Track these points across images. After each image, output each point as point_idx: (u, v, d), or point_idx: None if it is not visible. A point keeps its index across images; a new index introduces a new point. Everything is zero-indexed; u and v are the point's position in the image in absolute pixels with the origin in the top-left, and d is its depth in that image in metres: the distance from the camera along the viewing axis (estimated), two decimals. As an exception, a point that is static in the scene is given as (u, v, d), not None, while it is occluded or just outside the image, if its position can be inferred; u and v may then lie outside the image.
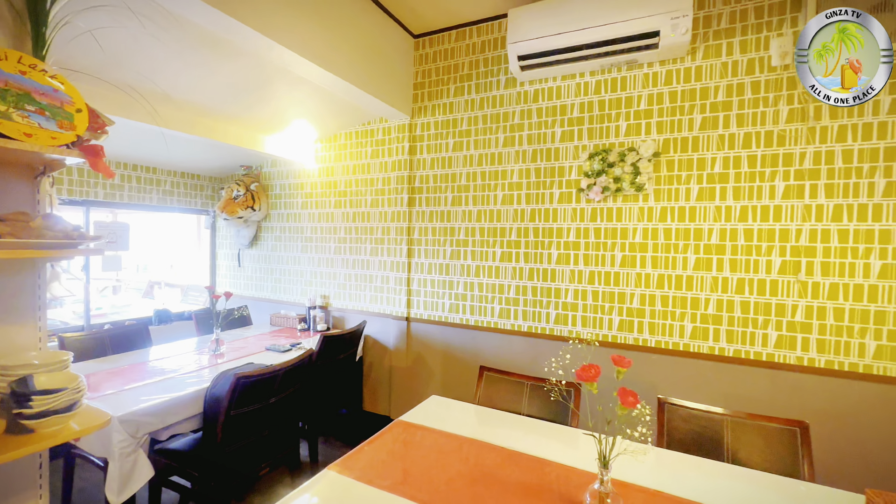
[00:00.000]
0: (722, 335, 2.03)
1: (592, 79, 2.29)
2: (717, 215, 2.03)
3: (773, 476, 1.26)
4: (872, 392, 1.78)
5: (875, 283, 1.78)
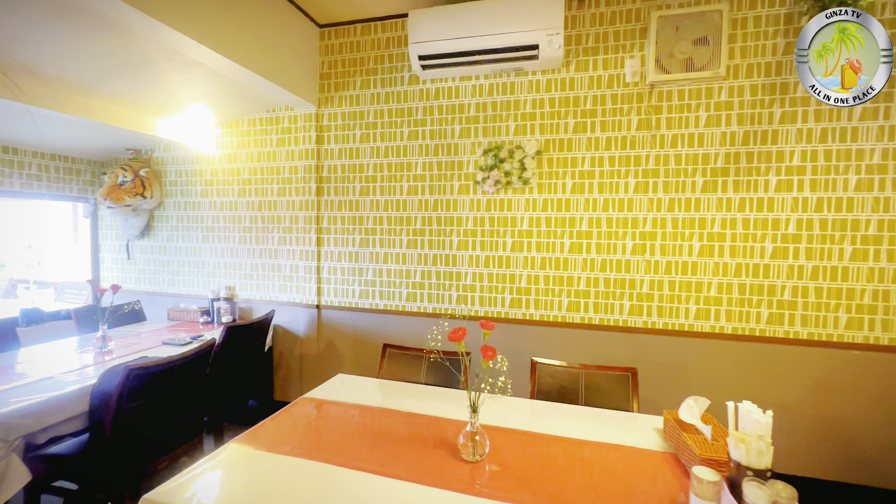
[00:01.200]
0: (590, 307, 2.42)
1: (486, 82, 2.53)
2: (587, 206, 2.40)
3: (612, 411, 1.60)
4: (690, 346, 2.27)
5: (695, 260, 2.26)
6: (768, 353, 2.19)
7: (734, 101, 2.18)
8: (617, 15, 2.32)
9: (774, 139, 2.15)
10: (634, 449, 1.34)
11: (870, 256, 2.06)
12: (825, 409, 2.13)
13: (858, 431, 2.09)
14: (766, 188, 2.17)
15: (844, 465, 2.12)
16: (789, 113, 2.13)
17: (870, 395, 2.06)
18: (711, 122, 2.22)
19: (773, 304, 2.18)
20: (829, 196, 2.10)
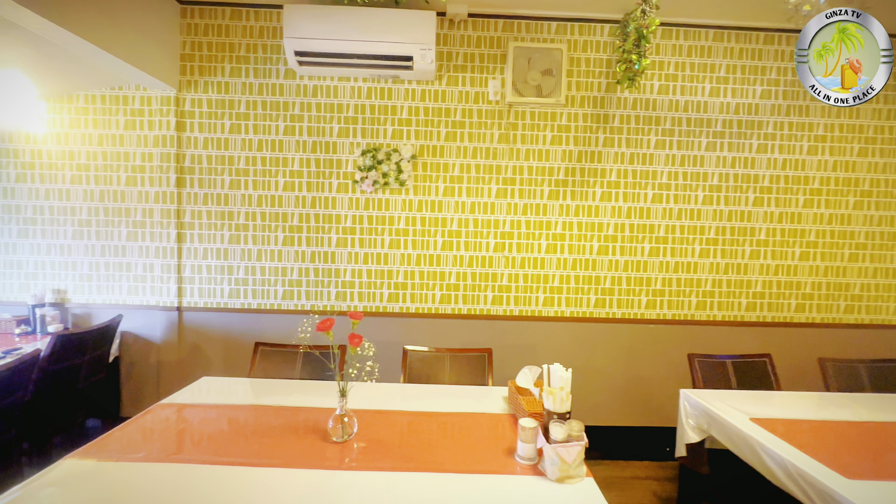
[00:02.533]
0: (460, 299, 2.70)
1: (365, 85, 2.62)
2: (457, 208, 2.67)
3: (471, 387, 1.85)
4: (539, 328, 2.70)
5: (543, 257, 2.69)
6: (595, 331, 2.72)
7: (571, 125, 2.65)
8: (482, 40, 2.62)
9: (599, 159, 2.68)
10: (485, 414, 1.59)
11: (660, 253, 2.71)
12: (633, 371, 2.74)
13: (653, 387, 2.73)
14: (593, 198, 2.69)
15: (646, 412, 2.75)
16: (609, 139, 2.67)
17: (661, 358, 2.72)
18: (555, 141, 2.66)
19: (598, 292, 2.72)
20: (635, 206, 2.70)
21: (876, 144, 2.72)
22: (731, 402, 1.74)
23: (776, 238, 2.74)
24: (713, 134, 2.68)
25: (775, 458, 1.37)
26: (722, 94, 2.67)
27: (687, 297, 2.73)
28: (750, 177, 2.70)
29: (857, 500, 1.12)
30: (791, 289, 2.75)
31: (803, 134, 2.70)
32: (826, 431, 1.54)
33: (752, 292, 2.75)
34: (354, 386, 1.36)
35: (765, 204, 2.71)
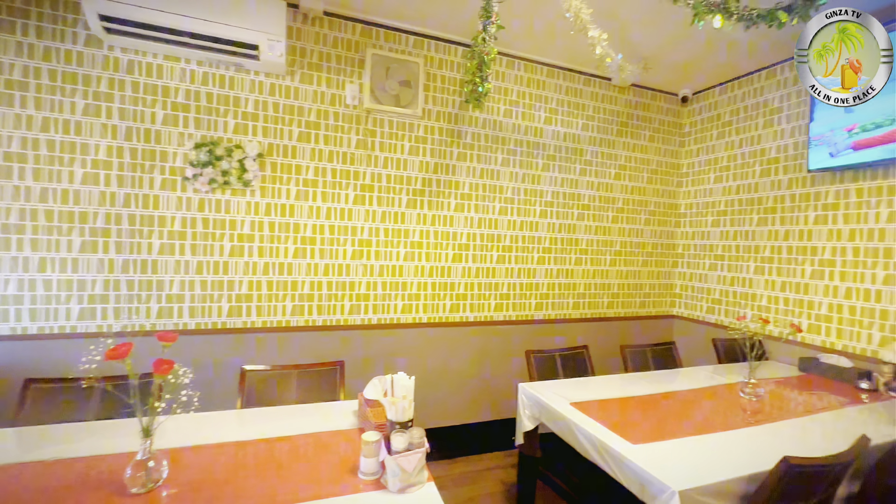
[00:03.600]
0: (314, 310, 2.54)
1: (200, 69, 2.28)
2: (311, 213, 2.51)
3: (321, 403, 1.73)
4: (398, 336, 2.71)
5: (401, 264, 2.72)
6: (450, 335, 2.85)
7: (428, 138, 2.76)
8: (340, 41, 2.54)
9: (454, 172, 2.83)
10: (334, 432, 1.50)
11: (505, 260, 2.99)
12: (485, 369, 2.95)
13: (502, 382, 2.98)
14: (448, 208, 2.83)
15: (496, 407, 2.99)
16: (462, 153, 2.85)
17: (508, 356, 2.99)
18: (413, 151, 2.72)
19: (453, 297, 2.86)
20: (485, 217, 2.93)
21: (657, 175, 3.49)
22: (557, 391, 1.99)
23: (594, 247, 3.28)
24: (547, 156, 3.09)
25: (586, 435, 1.61)
26: (553, 122, 3.10)
27: (528, 300, 3.07)
28: (575, 195, 3.19)
29: (638, 461, 1.37)
30: (604, 289, 3.32)
31: (611, 163, 3.31)
32: (624, 406, 1.87)
33: (576, 293, 3.23)
34: (172, 420, 1.13)
35: (585, 219, 3.23)
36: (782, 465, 1.21)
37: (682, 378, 2.31)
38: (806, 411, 1.91)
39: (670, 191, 3.57)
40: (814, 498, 1.32)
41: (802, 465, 1.20)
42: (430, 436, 1.24)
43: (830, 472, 1.28)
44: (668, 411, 1.86)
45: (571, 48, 2.82)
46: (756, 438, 1.60)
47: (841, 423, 1.80)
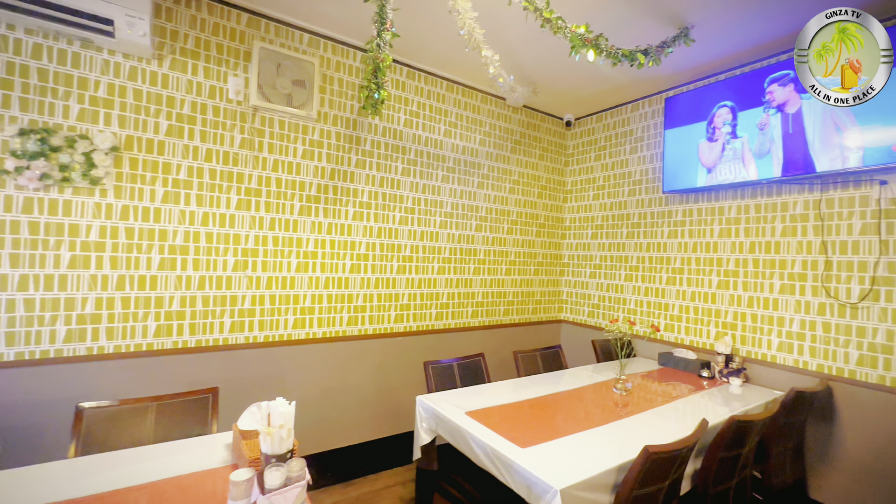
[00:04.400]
0: (185, 329, 2.21)
1: (29, 38, 1.86)
2: (182, 218, 2.20)
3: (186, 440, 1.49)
4: (288, 354, 2.50)
5: (294, 276, 2.52)
6: (349, 349, 2.71)
7: (324, 142, 2.62)
8: (222, 29, 2.29)
9: (352, 179, 2.73)
10: (200, 473, 1.29)
11: (406, 270, 2.96)
12: (384, 383, 2.86)
13: (402, 396, 2.92)
14: (346, 216, 2.71)
15: (396, 421, 2.91)
16: (361, 161, 2.77)
17: (408, 368, 2.94)
18: (307, 155, 2.56)
19: (351, 310, 2.73)
20: (385, 226, 2.87)
21: (546, 191, 3.79)
22: (454, 400, 2.00)
23: (491, 258, 3.42)
24: (447, 168, 3.15)
25: (479, 443, 1.63)
26: (453, 136, 3.18)
27: (428, 310, 3.07)
28: (473, 207, 3.30)
29: (525, 464, 1.42)
30: (500, 297, 3.48)
31: (506, 178, 3.50)
32: (516, 411, 1.95)
33: (475, 302, 3.33)
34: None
35: (483, 230, 3.36)
36: (644, 454, 1.35)
37: (567, 379, 2.50)
38: (664, 400, 2.19)
39: (557, 205, 3.90)
40: (669, 478, 1.50)
41: (659, 452, 1.36)
42: (327, 460, 1.13)
43: (680, 454, 1.46)
44: (554, 412, 1.98)
45: (469, 66, 2.93)
46: (625, 430, 1.78)
47: (689, 407, 2.11)
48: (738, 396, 2.31)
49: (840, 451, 2.26)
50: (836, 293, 2.31)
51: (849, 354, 2.26)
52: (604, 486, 1.43)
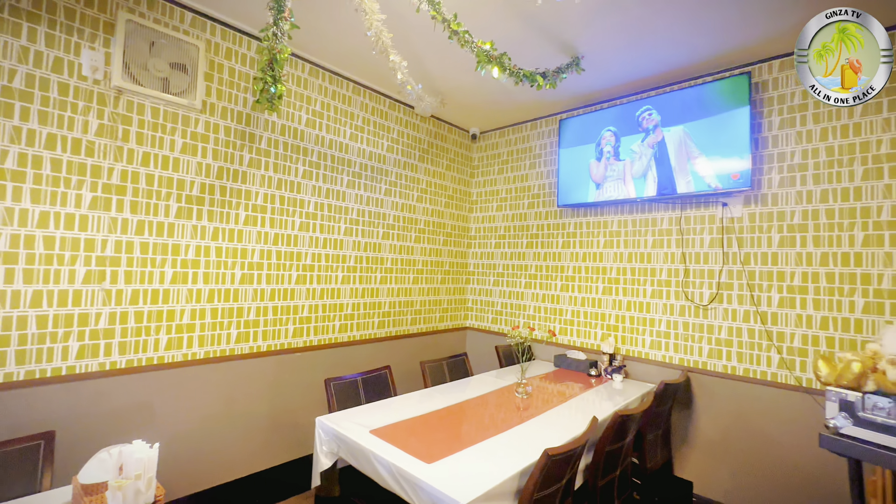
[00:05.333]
0: (11, 357, 1.75)
1: None
2: (9, 219, 1.75)
3: None
4: (159, 379, 2.14)
5: (168, 288, 2.17)
6: (236, 369, 2.41)
7: (210, 136, 2.32)
8: (74, -10, 1.90)
9: (244, 179, 2.46)
10: (19, 547, 1.00)
11: (306, 280, 2.75)
12: (280, 405, 2.60)
13: (300, 416, 2.69)
14: (236, 221, 2.43)
15: (294, 445, 2.66)
16: (256, 160, 2.51)
17: (308, 386, 2.72)
18: (188, 149, 2.24)
19: (241, 325, 2.45)
20: (283, 233, 2.64)
21: (454, 200, 3.87)
22: (357, 419, 1.89)
23: (399, 266, 3.36)
24: (353, 173, 3.02)
25: (383, 463, 1.54)
26: (359, 140, 3.06)
27: (331, 322, 2.89)
28: (380, 214, 3.21)
29: (431, 480, 1.38)
30: (408, 307, 3.43)
31: (414, 186, 3.48)
32: (422, 425, 1.90)
33: (381, 312, 3.23)
34: None
35: (391, 238, 3.29)
36: (543, 457, 1.40)
37: (473, 386, 2.53)
38: (559, 401, 2.33)
39: (464, 215, 4.00)
40: (565, 477, 1.58)
41: (558, 454, 1.42)
42: (210, 499, 0.94)
43: (576, 453, 1.55)
44: (460, 421, 1.98)
45: (377, 70, 2.86)
46: (526, 433, 1.84)
47: (581, 405, 2.27)
48: (620, 391, 2.57)
49: (696, 433, 2.64)
50: (692, 297, 2.71)
51: (702, 349, 2.66)
52: (507, 493, 1.45)
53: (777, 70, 2.47)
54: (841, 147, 2.26)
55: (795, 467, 2.27)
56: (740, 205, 2.56)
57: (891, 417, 1.30)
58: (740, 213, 2.56)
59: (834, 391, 1.44)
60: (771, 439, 2.36)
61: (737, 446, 2.48)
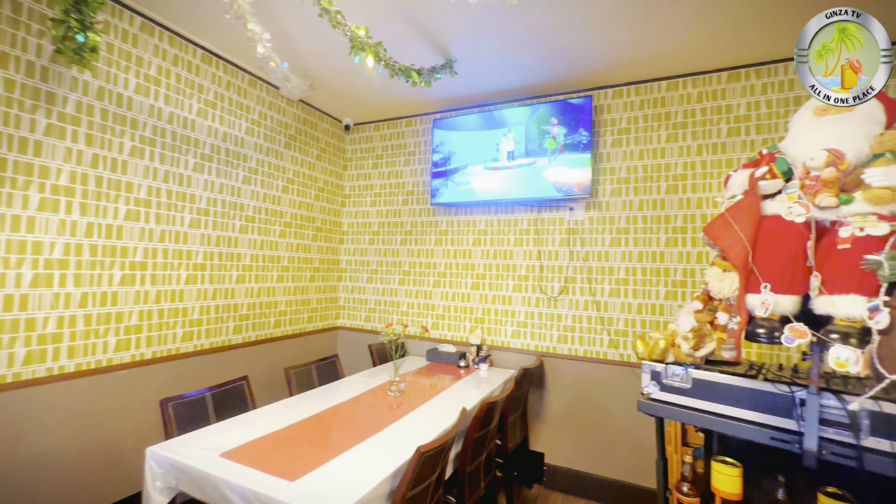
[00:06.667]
0: None
1: None
2: None
3: None
4: None
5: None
6: (30, 398, 1.84)
7: (-20, 89, 1.72)
8: None
9: (38, 151, 1.89)
10: None
11: (136, 281, 2.27)
12: (97, 436, 2.08)
13: (126, 447, 2.20)
14: (26, 205, 1.85)
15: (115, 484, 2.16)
16: (58, 127, 1.95)
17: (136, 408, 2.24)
18: (-61, 103, 1.62)
19: (34, 340, 1.88)
20: (102, 222, 2.12)
21: (325, 193, 3.64)
22: (203, 443, 1.62)
23: (260, 263, 3.01)
24: (202, 156, 2.59)
25: (236, 489, 1.35)
26: (210, 118, 2.64)
27: (172, 329, 2.44)
28: (237, 204, 2.83)
29: (295, 500, 1.25)
30: (271, 308, 3.10)
31: (279, 175, 3.17)
32: (286, 438, 1.73)
33: (239, 315, 2.86)
34: None
35: (250, 231, 2.93)
36: (416, 455, 1.40)
37: (345, 388, 2.42)
38: (432, 394, 2.38)
39: (336, 209, 3.80)
40: (437, 470, 1.61)
41: (430, 449, 1.43)
42: None
43: (447, 446, 1.59)
44: (329, 428, 1.86)
45: (234, 39, 2.50)
46: (400, 432, 1.83)
47: (452, 395, 2.36)
48: (486, 380, 2.75)
49: (547, 410, 2.99)
50: (546, 290, 3.05)
51: (552, 335, 3.01)
52: (380, 497, 1.41)
53: (611, 97, 2.94)
54: (652, 166, 2.80)
55: (621, 429, 2.74)
56: (583, 210, 2.97)
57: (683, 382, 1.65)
58: (582, 216, 2.97)
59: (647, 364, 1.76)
60: (603, 408, 2.81)
61: (578, 417, 2.88)
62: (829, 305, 1.19)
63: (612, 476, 2.76)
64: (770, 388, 1.34)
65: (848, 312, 1.15)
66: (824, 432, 1.22)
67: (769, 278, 1.30)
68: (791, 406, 1.29)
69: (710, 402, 1.47)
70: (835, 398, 1.22)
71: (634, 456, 2.68)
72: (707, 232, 1.51)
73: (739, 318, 1.35)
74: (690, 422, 1.53)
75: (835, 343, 1.13)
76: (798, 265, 1.28)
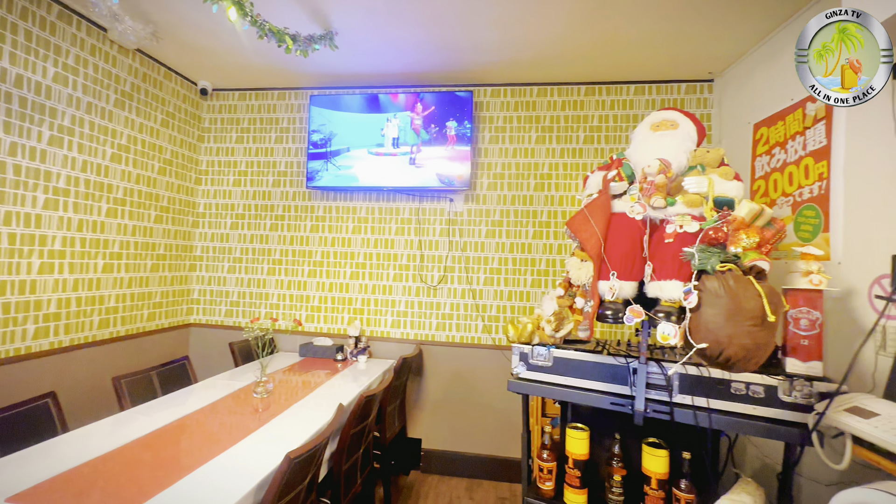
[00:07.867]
0: None
1: None
2: None
3: None
4: None
5: None
6: None
7: None
8: None
9: None
10: None
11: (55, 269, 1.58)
12: None
13: None
14: None
15: None
16: None
17: None
18: None
19: None
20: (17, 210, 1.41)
21: (172, 167, 3.07)
22: (-19, 486, 1.21)
23: (78, 248, 2.39)
24: None
25: (35, 542, 1.04)
26: None
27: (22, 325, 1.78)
28: (41, 172, 2.19)
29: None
30: (94, 304, 2.50)
31: (107, 139, 2.55)
32: (114, 463, 1.40)
33: (45, 314, 2.23)
34: None
35: (61, 208, 2.30)
36: (284, 462, 1.26)
37: (198, 395, 2.08)
38: (305, 392, 2.21)
39: (188, 187, 3.25)
40: (310, 474, 1.48)
41: (301, 454, 1.31)
42: None
43: (320, 448, 1.48)
44: (177, 444, 1.57)
45: (33, -47, 1.90)
46: (267, 437, 1.64)
47: (328, 391, 2.22)
48: (364, 372, 2.67)
49: (425, 397, 3.05)
50: (426, 279, 3.09)
51: (431, 324, 3.07)
52: (240, 515, 1.23)
53: (490, 95, 3.08)
54: (523, 164, 3.04)
55: (493, 408, 2.94)
56: (462, 201, 3.08)
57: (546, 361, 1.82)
58: (461, 208, 3.08)
59: (517, 346, 1.90)
60: (477, 390, 2.98)
61: (453, 401, 3.01)
62: (658, 289, 1.43)
63: (483, 452, 2.96)
64: (611, 361, 1.56)
65: (670, 295, 1.39)
66: (649, 395, 1.48)
67: (616, 267, 1.51)
68: (626, 375, 1.52)
69: (567, 376, 1.65)
70: (657, 366, 1.48)
71: (502, 431, 2.91)
72: (569, 226, 1.68)
73: (593, 302, 1.53)
74: (551, 396, 1.70)
75: (661, 321, 1.36)
76: (637, 255, 1.51)
